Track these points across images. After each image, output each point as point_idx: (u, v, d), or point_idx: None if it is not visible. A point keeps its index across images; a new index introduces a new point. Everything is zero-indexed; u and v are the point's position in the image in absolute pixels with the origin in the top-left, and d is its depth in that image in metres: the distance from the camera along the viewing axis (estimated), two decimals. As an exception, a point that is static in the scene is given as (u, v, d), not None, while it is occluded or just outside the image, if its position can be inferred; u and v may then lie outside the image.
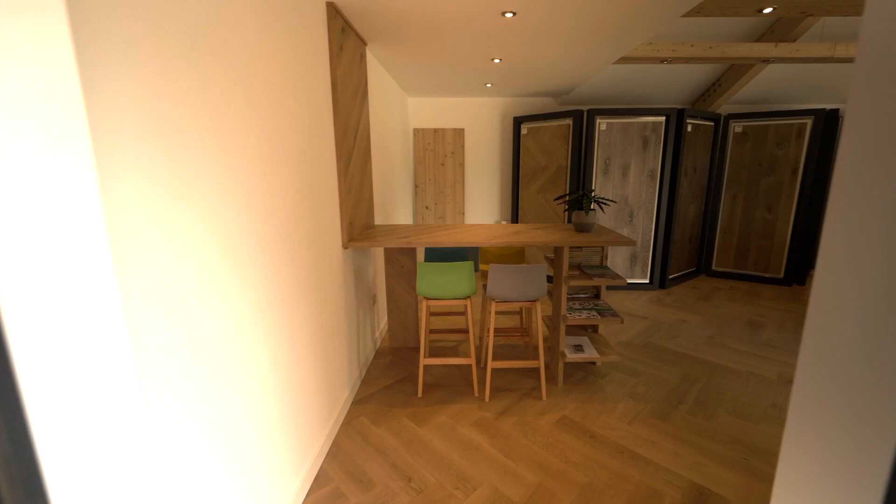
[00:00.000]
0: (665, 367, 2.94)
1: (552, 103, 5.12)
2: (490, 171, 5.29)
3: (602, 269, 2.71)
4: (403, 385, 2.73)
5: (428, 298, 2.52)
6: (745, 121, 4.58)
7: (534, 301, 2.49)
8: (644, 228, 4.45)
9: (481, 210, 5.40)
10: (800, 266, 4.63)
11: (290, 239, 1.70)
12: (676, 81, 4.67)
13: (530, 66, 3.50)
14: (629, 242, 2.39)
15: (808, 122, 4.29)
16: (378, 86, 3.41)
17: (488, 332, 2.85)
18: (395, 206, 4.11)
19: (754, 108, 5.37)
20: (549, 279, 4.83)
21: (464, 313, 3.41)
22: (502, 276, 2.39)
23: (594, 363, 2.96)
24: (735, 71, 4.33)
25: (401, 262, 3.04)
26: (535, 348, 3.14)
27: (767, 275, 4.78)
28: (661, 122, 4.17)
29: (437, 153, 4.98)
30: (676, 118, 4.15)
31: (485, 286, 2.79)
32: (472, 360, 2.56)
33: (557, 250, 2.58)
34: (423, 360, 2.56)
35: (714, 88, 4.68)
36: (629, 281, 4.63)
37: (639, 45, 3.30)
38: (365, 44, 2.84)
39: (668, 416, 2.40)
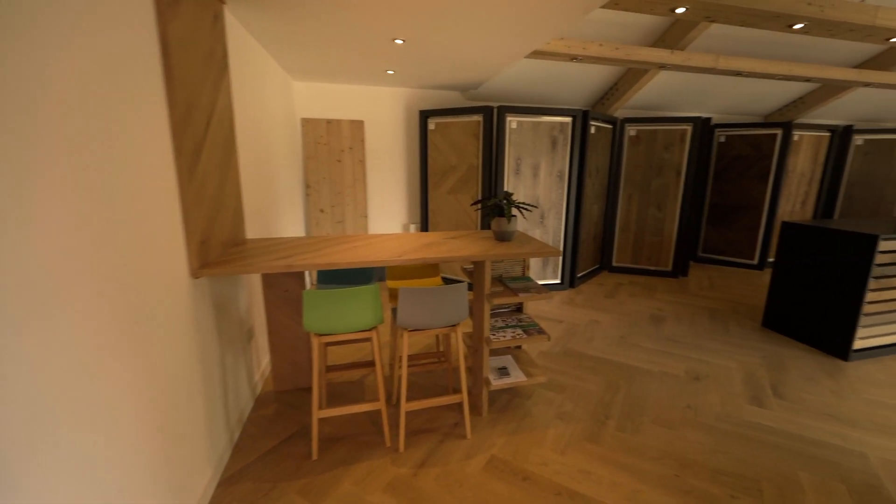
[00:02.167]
0: (587, 377, 2.81)
1: (460, 98, 4.82)
2: (395, 169, 4.79)
3: (525, 280, 2.43)
4: (293, 444, 2.13)
5: (320, 335, 1.96)
6: (638, 125, 4.80)
7: (454, 326, 2.10)
8: (554, 229, 4.39)
9: (387, 212, 4.89)
10: (684, 259, 5.02)
11: (79, 282, 1.03)
12: (579, 83, 4.71)
13: (437, 53, 3.10)
14: (554, 253, 2.12)
15: (689, 128, 4.63)
16: (249, 63, 2.70)
17: (400, 362, 2.40)
18: (278, 213, 3.40)
19: (645, 113, 5.73)
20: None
21: (369, 339, 2.89)
22: (415, 300, 1.94)
23: (518, 383, 2.69)
24: (631, 76, 4.49)
25: (285, 286, 2.41)
26: (456, 371, 2.77)
27: (659, 268, 5.11)
28: (568, 123, 4.12)
29: (333, 148, 4.32)
30: (582, 119, 4.13)
31: (394, 310, 2.32)
32: (381, 404, 2.08)
33: (478, 264, 2.22)
34: (318, 413, 2.00)
35: (612, 92, 4.83)
36: (542, 282, 4.55)
37: (552, 40, 3.12)
38: (222, 1, 2.15)
39: (599, 437, 2.21)
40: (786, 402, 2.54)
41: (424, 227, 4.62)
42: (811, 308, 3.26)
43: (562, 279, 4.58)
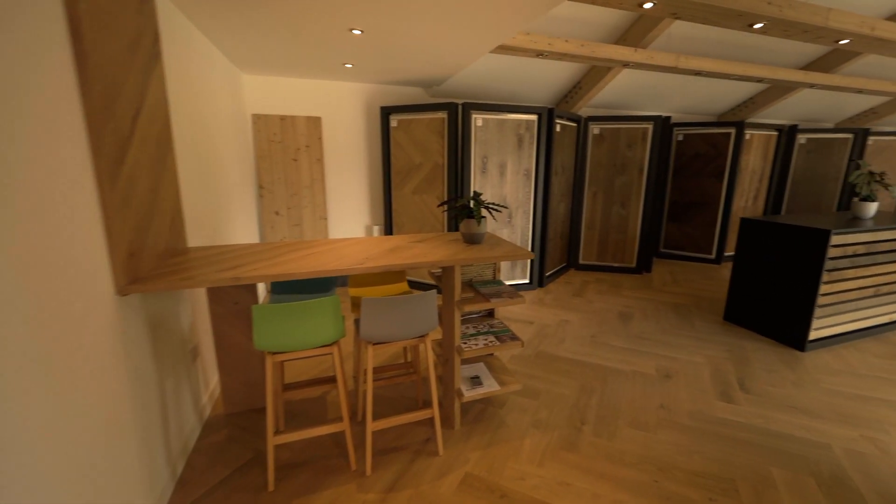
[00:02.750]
0: (561, 381, 2.75)
1: (423, 95, 4.67)
2: (356, 168, 4.57)
3: (496, 284, 2.32)
4: (246, 474, 1.92)
5: (274, 353, 1.77)
6: (602, 123, 4.84)
7: (423, 337, 1.96)
8: (522, 229, 4.34)
9: (348, 214, 4.66)
10: (647, 255, 5.12)
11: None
12: (543, 81, 4.68)
13: (398, 46, 2.94)
14: (527, 255, 2.03)
15: (650, 127, 4.71)
16: (189, 52, 2.44)
17: (365, 376, 2.23)
18: (228, 217, 3.13)
19: (607, 112, 5.80)
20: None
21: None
22: (379, 311, 1.79)
23: (491, 391, 2.58)
24: (594, 74, 4.50)
25: (234, 298, 2.18)
26: (426, 382, 2.63)
27: (624, 265, 5.18)
28: (533, 121, 4.07)
29: (288, 146, 4.05)
30: (548, 117, 4.09)
31: (357, 321, 2.15)
32: (344, 425, 1.91)
33: (447, 269, 2.09)
34: (273, 439, 1.81)
35: (576, 90, 4.83)
36: (511, 282, 4.49)
37: (517, 34, 3.04)
38: (150, -21, 1.90)
39: (576, 445, 2.14)
40: (752, 396, 2.58)
41: (388, 228, 4.44)
42: (769, 301, 3.36)
43: (530, 279, 4.53)
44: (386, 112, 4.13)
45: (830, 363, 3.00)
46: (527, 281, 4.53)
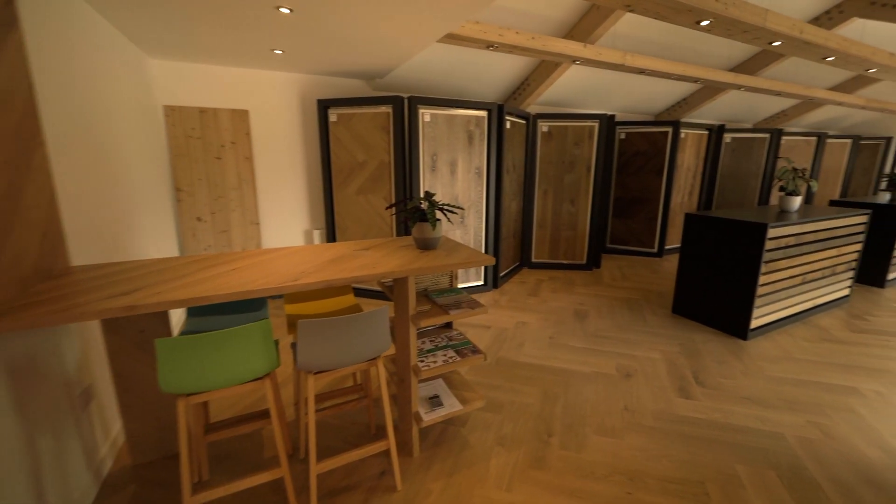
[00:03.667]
0: (524, 389, 2.61)
1: (365, 88, 4.36)
2: (292, 167, 4.15)
3: (454, 293, 2.12)
4: (160, 547, 1.55)
5: (189, 395, 1.43)
6: (550, 121, 4.82)
7: (374, 360, 1.70)
8: (476, 229, 4.18)
9: (285, 218, 4.23)
10: (597, 251, 5.20)
11: None
12: (491, 76, 4.55)
13: (333, 30, 2.64)
14: (487, 261, 1.84)
15: (596, 125, 4.76)
16: (69, 27, 1.97)
17: (307, 405, 1.92)
18: (134, 227, 2.64)
19: (554, 109, 5.82)
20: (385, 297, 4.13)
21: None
22: (320, 335, 1.50)
23: (452, 407, 2.37)
24: (542, 70, 4.45)
25: (139, 325, 1.78)
26: (378, 402, 2.36)
27: (575, 262, 5.22)
28: (483, 117, 3.92)
29: (209, 142, 3.55)
30: (498, 113, 3.96)
31: (293, 346, 1.84)
32: (283, 471, 1.60)
33: (400, 280, 1.85)
34: (191, 500, 1.46)
35: (524, 87, 4.77)
36: (465, 285, 4.32)
37: (466, 23, 2.85)
38: (-1, -78, 1.46)
39: (545, 461, 2.00)
40: (708, 390, 2.60)
41: (331, 232, 4.09)
42: (713, 293, 3.47)
43: (485, 280, 4.40)
44: (324, 105, 3.78)
45: (770, 350, 3.14)
46: (482, 283, 4.39)
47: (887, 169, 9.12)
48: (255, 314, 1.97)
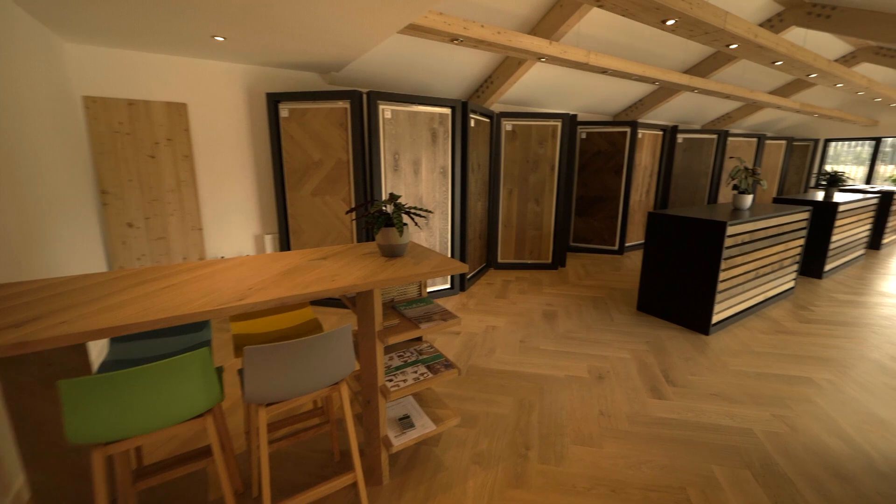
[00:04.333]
0: (497, 399, 2.49)
1: (320, 81, 4.08)
2: (239, 166, 3.80)
3: (424, 303, 1.95)
4: None
5: (106, 444, 1.17)
6: (514, 120, 4.75)
7: (336, 385, 1.50)
8: (441, 231, 4.03)
9: (232, 222, 3.87)
10: (561, 250, 5.21)
11: None
12: (454, 72, 4.42)
13: (282, 14, 2.39)
14: (459, 269, 1.69)
15: (559, 124, 4.76)
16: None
17: (258, 436, 1.69)
18: (43, 237, 2.25)
19: (516, 108, 5.78)
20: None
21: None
22: (272, 363, 1.29)
23: (423, 425, 2.20)
24: (505, 68, 4.37)
25: (46, 358, 1.48)
26: (341, 423, 2.15)
27: (540, 261, 5.21)
28: (447, 114, 3.78)
29: (141, 139, 3.14)
30: (462, 111, 3.83)
31: (240, 373, 1.60)
32: (232, 521, 1.37)
33: (364, 293, 1.66)
34: (115, 572, 1.20)
35: (487, 84, 4.67)
36: (432, 289, 4.17)
37: (429, 13, 2.69)
38: None
39: (524, 477, 1.89)
40: (678, 388, 2.60)
41: (285, 237, 3.79)
42: (676, 290, 3.53)
43: (452, 283, 4.26)
44: (274, 99, 3.48)
45: (730, 344, 3.23)
46: (448, 286, 4.25)
47: (815, 168, 9.92)
48: (194, 335, 1.71)
